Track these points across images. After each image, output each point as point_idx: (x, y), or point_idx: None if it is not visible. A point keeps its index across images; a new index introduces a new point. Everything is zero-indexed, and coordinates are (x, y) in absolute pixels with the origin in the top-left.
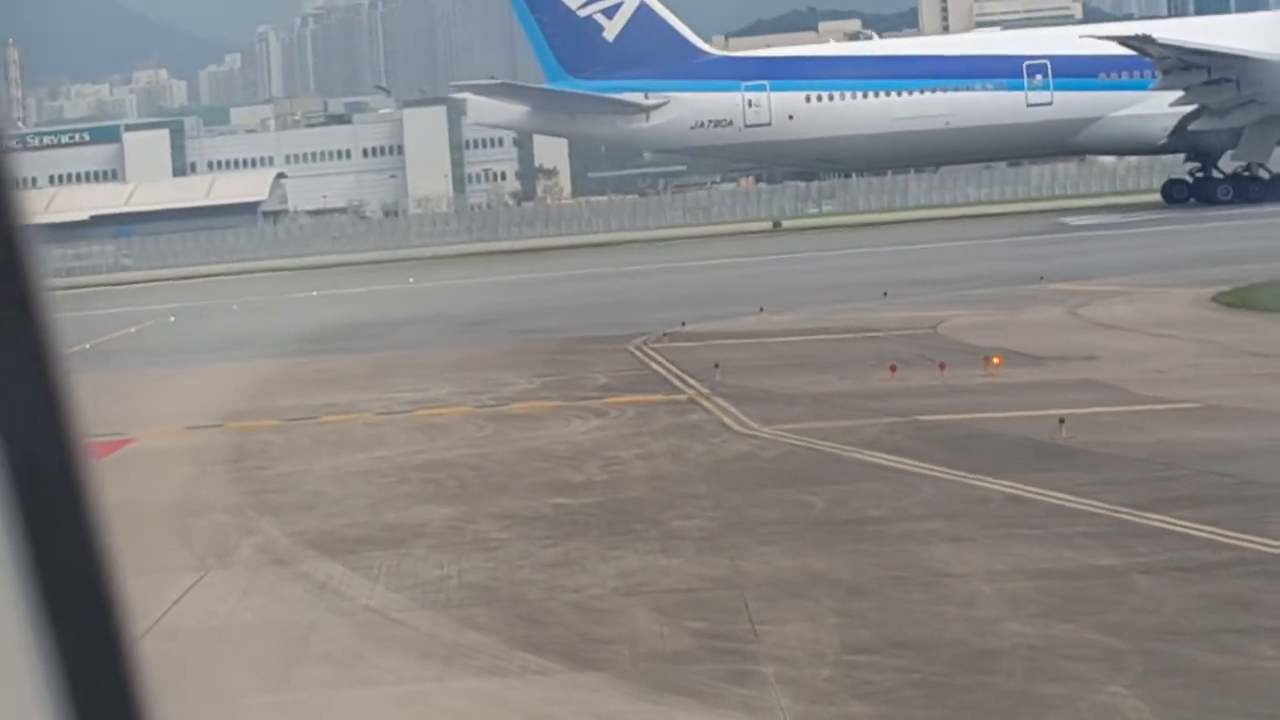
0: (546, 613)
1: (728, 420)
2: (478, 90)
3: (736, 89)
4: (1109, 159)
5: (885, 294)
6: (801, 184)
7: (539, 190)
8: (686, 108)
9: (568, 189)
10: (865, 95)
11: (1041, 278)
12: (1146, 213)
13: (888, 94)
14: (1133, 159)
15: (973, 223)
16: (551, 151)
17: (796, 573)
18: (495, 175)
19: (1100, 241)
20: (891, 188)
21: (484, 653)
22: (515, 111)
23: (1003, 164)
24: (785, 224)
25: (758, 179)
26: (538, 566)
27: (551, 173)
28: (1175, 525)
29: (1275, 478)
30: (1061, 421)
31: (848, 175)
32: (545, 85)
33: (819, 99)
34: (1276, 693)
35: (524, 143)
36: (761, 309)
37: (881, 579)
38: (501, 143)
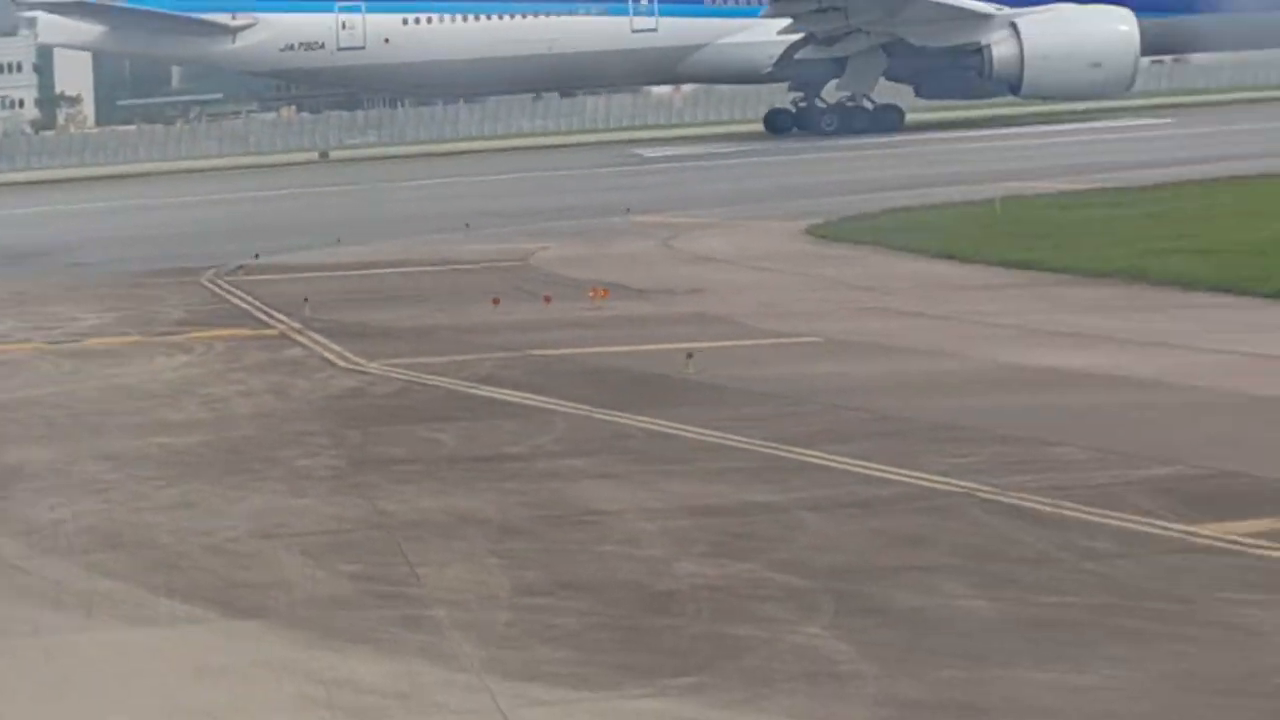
0: (181, 557)
1: (329, 355)
2: (50, 8)
3: (330, 10)
4: (664, 89)
5: (467, 225)
6: (345, 113)
7: (60, 118)
8: (275, 29)
9: (92, 117)
10: (465, 18)
11: (628, 210)
12: (739, 143)
13: (489, 18)
14: (688, 89)
15: (540, 154)
16: (74, 78)
17: (442, 512)
18: (13, 103)
19: (682, 173)
20: (441, 118)
21: (125, 601)
22: (92, 32)
23: (555, 95)
24: (333, 154)
25: (299, 108)
26: (158, 509)
27: (75, 100)
28: (826, 460)
29: (911, 412)
30: (689, 355)
31: (394, 104)
32: (125, 4)
33: (417, 21)
34: (983, 632)
35: (44, 69)
36: (339, 240)
37: (534, 518)
38: (20, 68)
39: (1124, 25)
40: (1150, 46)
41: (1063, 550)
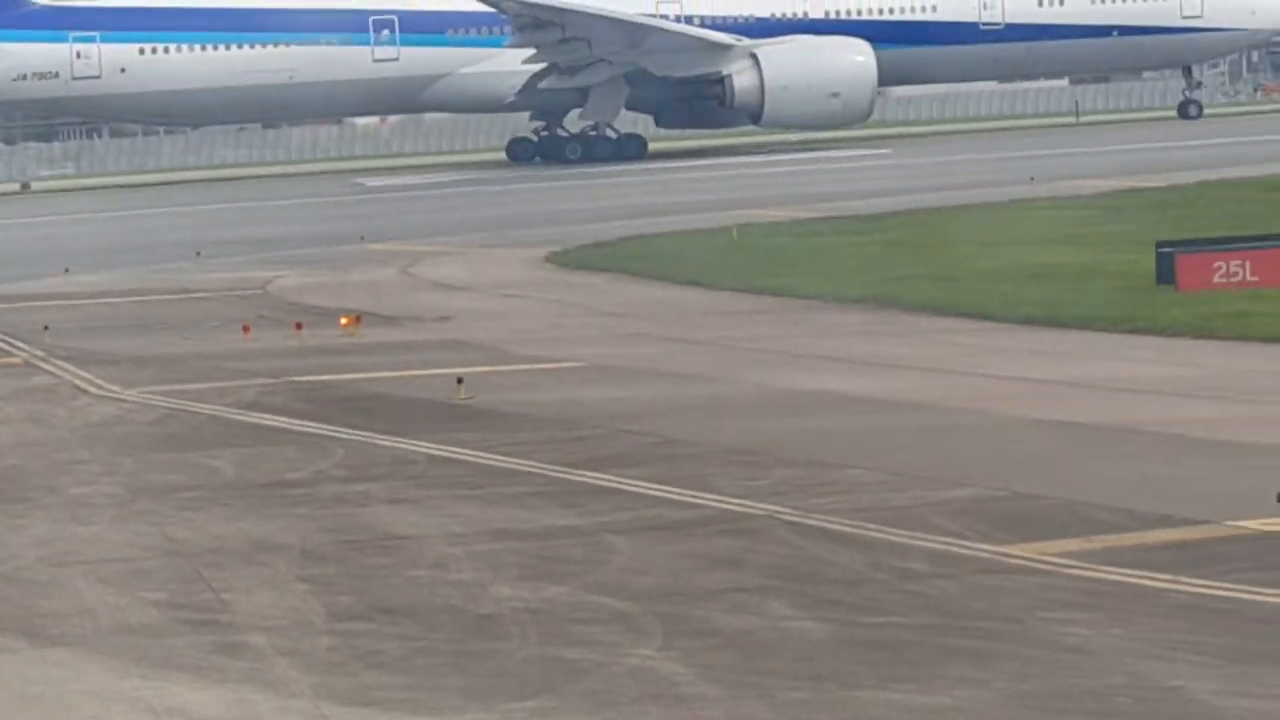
0: None
1: (80, 383)
2: None
3: (64, 40)
4: (370, 120)
5: (198, 254)
6: (42, 145)
7: None
8: (7, 58)
9: None
10: (204, 48)
11: (362, 237)
12: (475, 172)
13: (227, 47)
14: (395, 119)
15: (256, 184)
16: None
17: (237, 539)
18: None
19: (414, 202)
20: (142, 149)
21: None
22: None
23: (259, 126)
24: (34, 186)
25: None
26: None
27: None
28: (620, 484)
29: (694, 435)
30: (460, 381)
31: (91, 135)
32: None
33: (154, 51)
34: (818, 653)
35: None
36: (68, 270)
37: (334, 543)
38: None
39: (861, 56)
40: (887, 77)
41: (878, 571)
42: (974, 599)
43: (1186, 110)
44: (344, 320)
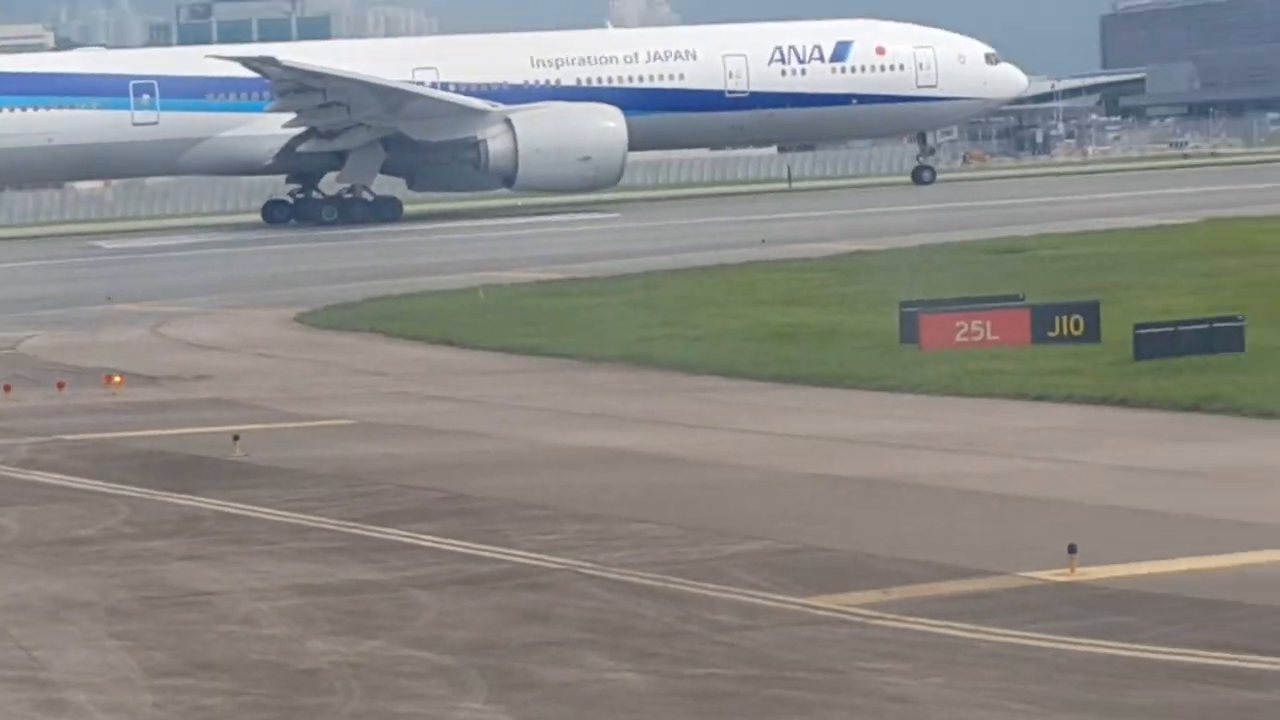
0: None
1: None
2: None
3: None
4: (93, 184)
5: None
6: None
7: None
8: None
9: None
10: None
11: (109, 298)
12: (225, 233)
13: None
14: (118, 183)
15: None
16: None
17: (35, 596)
18: None
19: (154, 264)
20: None
21: None
22: None
23: None
24: None
25: None
26: None
27: None
28: (416, 539)
29: (478, 491)
30: (236, 438)
31: None
32: None
33: None
34: (646, 704)
35: None
36: None
37: (136, 600)
38: None
39: (612, 122)
40: (637, 142)
41: (688, 623)
42: (789, 650)
43: (920, 176)
44: (106, 379)
